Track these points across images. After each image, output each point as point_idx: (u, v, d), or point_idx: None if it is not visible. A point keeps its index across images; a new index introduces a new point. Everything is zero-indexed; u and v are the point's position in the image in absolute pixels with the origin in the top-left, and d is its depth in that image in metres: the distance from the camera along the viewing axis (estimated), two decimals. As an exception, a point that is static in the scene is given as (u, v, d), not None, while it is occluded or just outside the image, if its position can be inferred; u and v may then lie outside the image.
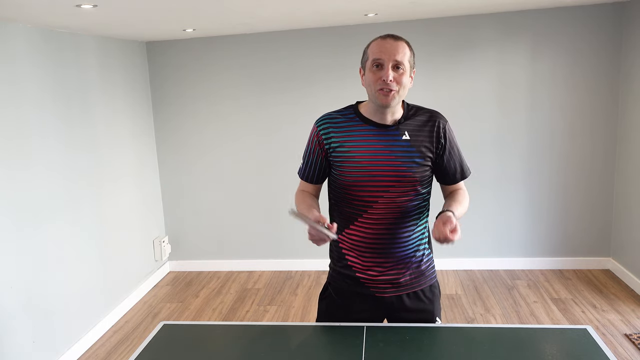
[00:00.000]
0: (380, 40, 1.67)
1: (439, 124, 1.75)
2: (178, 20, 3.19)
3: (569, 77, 3.99)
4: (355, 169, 1.72)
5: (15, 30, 2.82)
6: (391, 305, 1.81)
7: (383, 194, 1.71)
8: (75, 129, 3.33)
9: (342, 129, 1.76)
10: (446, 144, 1.75)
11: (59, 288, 3.12)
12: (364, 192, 1.73)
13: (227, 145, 4.43)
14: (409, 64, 1.66)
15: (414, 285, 1.80)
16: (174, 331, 1.81)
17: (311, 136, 1.82)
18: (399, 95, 1.65)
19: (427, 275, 1.83)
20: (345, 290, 1.84)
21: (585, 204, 4.14)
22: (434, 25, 4.03)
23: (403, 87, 1.64)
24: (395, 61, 1.62)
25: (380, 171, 1.70)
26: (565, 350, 1.55)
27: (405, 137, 1.71)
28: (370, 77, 1.66)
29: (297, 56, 4.23)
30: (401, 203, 1.73)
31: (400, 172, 1.70)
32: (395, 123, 1.72)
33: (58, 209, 3.13)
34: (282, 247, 4.54)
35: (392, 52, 1.63)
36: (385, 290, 1.79)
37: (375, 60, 1.64)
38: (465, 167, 1.84)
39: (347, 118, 1.76)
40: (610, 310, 3.47)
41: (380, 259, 1.77)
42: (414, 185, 1.72)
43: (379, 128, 1.72)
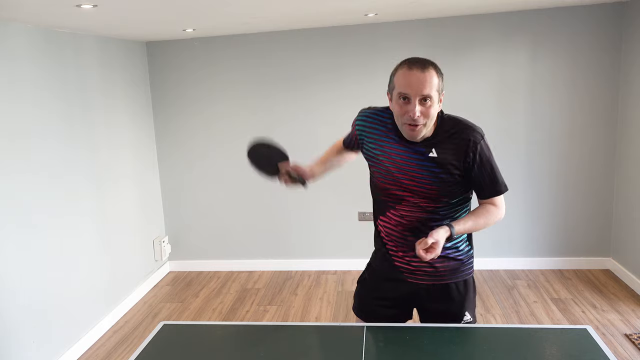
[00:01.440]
0: (407, 71, 1.62)
1: (469, 141, 1.69)
2: (178, 20, 3.19)
3: (569, 77, 3.99)
4: (382, 171, 1.79)
5: (15, 30, 2.82)
6: (422, 293, 1.84)
7: (408, 199, 1.76)
8: (75, 129, 3.33)
9: (375, 132, 1.81)
10: (475, 161, 1.70)
11: (59, 288, 3.12)
12: (392, 191, 1.79)
13: (228, 145, 4.43)
14: (437, 93, 1.63)
15: (445, 277, 1.82)
16: (174, 331, 1.81)
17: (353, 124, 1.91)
18: (426, 127, 1.67)
19: (462, 269, 1.85)
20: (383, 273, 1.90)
21: (585, 204, 4.14)
22: (434, 25, 4.03)
23: (430, 118, 1.65)
24: (422, 95, 1.60)
25: (404, 181, 1.75)
26: (565, 350, 1.55)
27: (432, 154, 1.70)
28: (397, 110, 1.66)
29: (297, 56, 4.23)
30: (427, 208, 1.76)
31: (424, 187, 1.73)
32: (424, 140, 1.72)
33: (58, 208, 3.13)
34: (282, 247, 4.54)
35: (419, 88, 1.59)
36: (418, 277, 1.82)
37: (402, 94, 1.63)
38: (500, 184, 1.76)
39: (382, 122, 1.80)
40: (610, 310, 3.47)
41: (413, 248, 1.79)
42: (438, 198, 1.74)
43: (406, 143, 1.73)
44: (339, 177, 4.26)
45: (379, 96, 4.12)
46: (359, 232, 4.27)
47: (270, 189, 4.45)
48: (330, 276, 4.35)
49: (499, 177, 1.77)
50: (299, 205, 4.43)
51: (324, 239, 4.45)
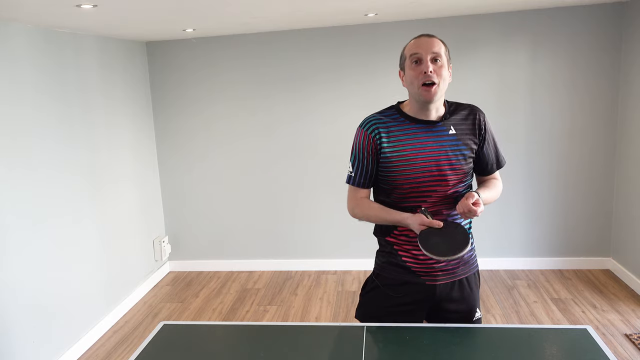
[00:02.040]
0: (415, 40, 1.73)
1: (478, 116, 1.81)
2: (178, 20, 3.19)
3: (569, 77, 3.99)
4: (409, 167, 1.75)
5: (15, 30, 2.82)
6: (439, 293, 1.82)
7: (437, 188, 1.76)
8: (75, 129, 3.33)
9: (390, 129, 1.77)
10: (486, 135, 1.82)
11: (59, 288, 3.12)
12: (418, 189, 1.76)
13: (228, 145, 4.43)
14: (446, 57, 1.71)
15: (459, 273, 1.83)
16: (174, 331, 1.81)
17: (359, 140, 1.80)
18: (440, 89, 1.69)
19: (471, 262, 1.88)
20: (395, 279, 1.85)
21: (585, 204, 4.14)
22: (434, 25, 4.03)
23: (443, 79, 1.69)
24: (433, 53, 1.67)
25: (435, 166, 1.74)
26: (565, 350, 1.55)
27: (452, 131, 1.76)
28: (411, 74, 1.70)
29: (297, 56, 4.23)
30: (452, 195, 1.78)
31: (452, 166, 1.75)
32: (441, 119, 1.77)
33: (58, 209, 3.13)
34: (282, 247, 4.54)
35: (429, 46, 1.68)
36: (437, 277, 1.81)
37: (414, 56, 1.69)
38: (501, 157, 1.90)
39: (391, 118, 1.79)
40: (610, 310, 3.47)
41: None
42: (464, 176, 1.79)
43: (426, 125, 1.76)
44: (338, 176, 4.26)
45: (380, 96, 4.14)
46: (359, 232, 4.27)
47: (270, 189, 4.45)
48: (330, 276, 4.35)
49: (500, 150, 1.90)
50: (299, 205, 4.43)
51: (324, 239, 4.45)
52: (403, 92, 4.06)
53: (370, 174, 1.82)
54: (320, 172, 4.35)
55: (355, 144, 1.82)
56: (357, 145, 1.81)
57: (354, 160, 1.83)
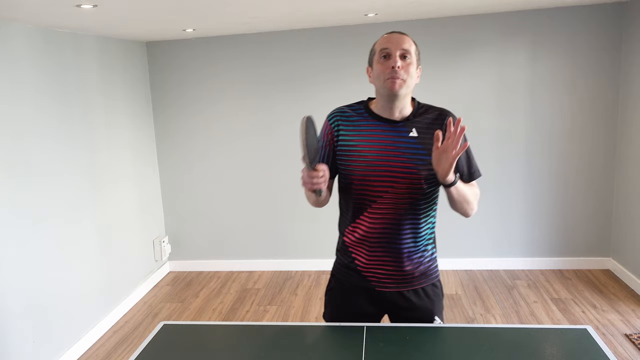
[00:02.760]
0: (386, 35, 1.71)
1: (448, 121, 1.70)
2: (178, 20, 3.19)
3: (569, 77, 3.99)
4: (360, 162, 1.72)
5: (15, 30, 2.82)
6: (391, 300, 1.81)
7: (388, 189, 1.71)
8: (75, 129, 3.33)
9: (351, 123, 1.77)
10: None
11: (59, 288, 3.12)
12: (369, 186, 1.73)
13: (227, 145, 4.43)
14: (415, 56, 1.68)
15: (414, 282, 1.80)
16: (174, 331, 1.81)
17: (322, 129, 1.82)
18: (407, 85, 1.65)
19: (429, 274, 1.83)
20: (348, 283, 1.85)
21: (585, 204, 4.14)
22: (434, 25, 4.03)
23: (410, 76, 1.66)
24: (402, 49, 1.65)
25: (385, 166, 1.70)
26: (565, 350, 1.55)
27: (412, 134, 1.70)
28: (378, 69, 1.67)
29: (297, 56, 4.23)
30: (406, 200, 1.72)
31: (406, 169, 1.69)
32: (404, 119, 1.72)
33: (58, 209, 3.13)
34: (282, 247, 4.54)
35: (399, 42, 1.66)
36: (387, 285, 1.79)
37: (383, 51, 1.67)
38: (475, 169, 1.78)
39: (356, 113, 1.78)
40: (610, 310, 3.47)
41: (383, 254, 1.78)
42: (419, 182, 1.70)
43: (386, 123, 1.72)
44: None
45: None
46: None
47: (270, 189, 4.45)
48: (330, 276, 4.35)
49: (474, 162, 1.79)
50: (299, 205, 4.43)
51: (324, 239, 4.45)
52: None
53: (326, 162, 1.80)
54: (320, 172, 4.35)
55: (320, 133, 1.83)
56: (320, 134, 1.83)
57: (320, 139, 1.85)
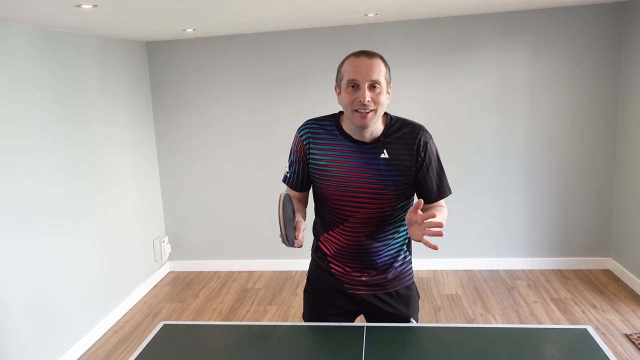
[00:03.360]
0: (354, 59, 1.62)
1: (420, 139, 1.69)
2: (178, 20, 3.19)
3: (569, 77, 3.99)
4: (331, 183, 1.71)
5: (15, 30, 2.82)
6: (364, 302, 1.83)
7: (359, 210, 1.72)
8: (75, 129, 3.33)
9: (321, 140, 1.73)
10: (424, 160, 1.69)
11: (59, 288, 3.12)
12: (341, 206, 1.73)
13: (227, 145, 4.43)
14: (385, 81, 1.62)
15: (388, 286, 1.83)
16: (174, 331, 1.81)
17: (294, 144, 1.80)
18: (377, 115, 1.62)
19: (402, 277, 1.85)
20: (323, 284, 1.88)
21: (585, 204, 4.14)
22: (434, 25, 4.03)
23: (381, 105, 1.61)
24: (371, 81, 1.58)
25: (356, 189, 1.69)
26: (565, 350, 1.55)
27: (383, 155, 1.67)
28: (346, 98, 1.61)
29: (297, 56, 4.23)
30: (377, 218, 1.73)
31: (377, 191, 1.68)
32: (374, 141, 1.68)
33: (58, 209, 3.13)
34: (282, 247, 4.53)
35: (368, 72, 1.58)
36: (360, 288, 1.82)
37: (351, 81, 1.60)
38: (444, 188, 1.75)
39: (326, 130, 1.73)
40: (610, 310, 3.47)
41: (358, 265, 1.81)
42: (390, 201, 1.71)
43: (357, 145, 1.69)
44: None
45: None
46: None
47: (270, 189, 4.45)
48: (330, 276, 4.35)
49: (445, 180, 1.76)
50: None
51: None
52: (402, 91, 4.06)
53: (302, 177, 1.80)
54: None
55: (292, 146, 1.82)
56: (293, 148, 1.81)
57: (290, 161, 1.83)
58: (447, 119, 4.12)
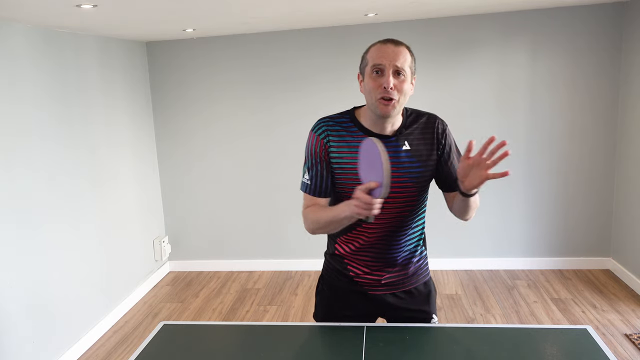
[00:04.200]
0: (380, 45, 1.59)
1: (438, 126, 1.68)
2: (178, 20, 3.19)
3: (569, 77, 3.99)
4: (352, 181, 1.63)
5: (15, 30, 2.82)
6: (385, 302, 1.81)
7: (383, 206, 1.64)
8: (75, 129, 3.33)
9: (340, 138, 1.66)
10: (445, 147, 1.69)
11: (59, 288, 3.12)
12: None
13: (227, 145, 4.43)
14: (410, 70, 1.58)
15: (406, 284, 1.80)
16: (174, 331, 1.81)
17: (311, 145, 1.69)
18: (400, 104, 1.58)
19: (419, 273, 1.83)
20: (339, 287, 1.84)
21: (585, 204, 4.14)
22: (434, 25, 4.03)
23: (404, 94, 1.57)
24: (395, 67, 1.55)
25: None
26: (565, 350, 1.55)
27: (405, 147, 1.64)
28: (370, 84, 1.58)
29: (297, 56, 4.23)
30: (400, 213, 1.69)
31: (402, 185, 1.65)
32: (395, 133, 1.65)
33: (58, 209, 3.13)
34: (282, 247, 4.54)
35: (393, 58, 1.55)
36: (379, 288, 1.79)
37: (375, 66, 1.56)
38: None
39: (344, 127, 1.67)
40: (610, 310, 3.47)
41: (376, 263, 1.77)
42: (413, 195, 1.68)
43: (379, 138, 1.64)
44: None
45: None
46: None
47: (270, 189, 4.45)
48: (330, 276, 4.35)
49: None
50: (298, 205, 4.42)
51: (324, 239, 4.44)
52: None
53: (326, 180, 1.68)
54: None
55: (309, 148, 1.69)
56: (310, 150, 1.69)
57: (309, 165, 1.69)
58: (447, 119, 4.07)
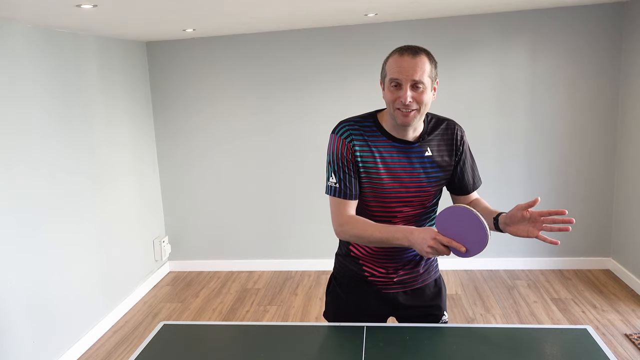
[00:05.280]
0: (398, 57, 1.58)
1: (456, 133, 1.74)
2: (178, 20, 3.19)
3: (569, 77, 3.99)
4: (377, 186, 1.68)
5: (15, 30, 2.82)
6: (397, 301, 1.82)
7: (404, 209, 1.71)
8: (75, 129, 3.33)
9: (364, 142, 1.67)
10: (462, 153, 1.75)
11: (59, 288, 3.12)
12: (386, 208, 1.72)
13: (228, 145, 4.43)
14: (429, 79, 1.58)
15: (418, 281, 1.82)
16: (174, 331, 1.81)
17: (336, 147, 1.67)
18: (420, 114, 1.60)
19: (430, 270, 1.85)
20: (352, 286, 1.85)
21: (585, 204, 4.14)
22: (434, 25, 4.03)
23: (424, 104, 1.58)
24: (413, 81, 1.55)
25: (404, 189, 1.69)
26: (565, 350, 1.55)
27: (428, 153, 1.69)
28: (388, 96, 1.60)
29: (297, 56, 4.23)
30: (417, 214, 1.74)
31: (422, 188, 1.70)
32: (418, 139, 1.68)
33: (58, 209, 3.13)
34: (282, 247, 4.54)
35: (410, 72, 1.55)
36: (391, 287, 1.81)
37: (393, 80, 1.57)
38: (478, 177, 1.82)
39: (367, 129, 1.68)
40: (610, 310, 3.47)
41: (392, 262, 1.79)
42: (430, 197, 1.74)
43: (402, 144, 1.67)
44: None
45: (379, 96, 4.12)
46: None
47: (270, 189, 4.45)
48: (330, 276, 4.35)
49: (477, 170, 1.83)
50: (298, 205, 4.43)
51: (324, 239, 4.45)
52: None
53: (355, 183, 1.68)
54: (320, 172, 4.35)
55: (333, 152, 1.68)
56: (335, 153, 1.68)
57: (335, 168, 1.68)
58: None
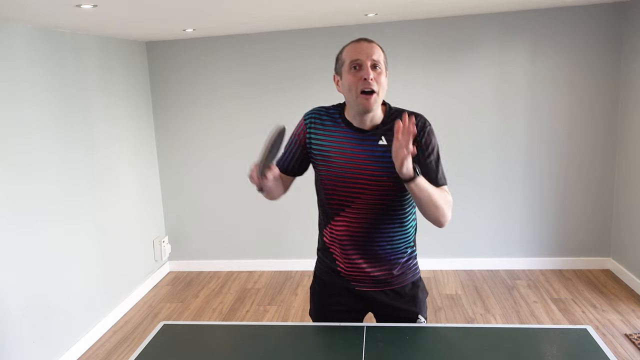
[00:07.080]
0: (354, 44, 1.70)
1: (419, 124, 1.68)
2: (178, 20, 3.19)
3: (569, 77, 3.99)
4: (330, 170, 1.75)
5: (15, 30, 2.82)
6: (373, 300, 1.82)
7: (359, 196, 1.72)
8: (75, 129, 3.33)
9: (324, 127, 1.80)
10: (422, 144, 1.68)
11: (59, 288, 3.12)
12: (340, 193, 1.75)
13: (228, 145, 4.43)
14: (384, 65, 1.68)
15: (394, 282, 1.81)
16: (174, 331, 1.81)
17: (297, 127, 1.87)
18: (379, 97, 1.66)
19: (408, 273, 1.83)
20: (328, 282, 1.87)
21: (585, 204, 4.14)
22: (434, 25, 4.03)
23: (382, 87, 1.65)
24: (373, 60, 1.65)
25: (353, 176, 1.71)
26: (565, 350, 1.55)
27: (381, 142, 1.69)
28: (349, 80, 1.65)
29: (297, 56, 4.23)
30: (379, 205, 1.72)
31: (374, 178, 1.69)
32: (373, 128, 1.71)
33: (58, 209, 3.13)
34: (282, 247, 4.54)
35: (369, 52, 1.66)
36: (366, 285, 1.81)
37: (353, 62, 1.66)
38: (441, 176, 1.70)
39: (332, 117, 1.80)
40: (610, 310, 3.47)
41: (361, 257, 1.78)
42: (390, 189, 1.70)
43: (356, 132, 1.72)
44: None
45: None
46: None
47: (270, 189, 4.44)
48: (330, 276, 4.35)
49: (441, 168, 1.72)
50: (298, 205, 4.43)
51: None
52: (402, 91, 4.06)
53: (291, 159, 1.87)
54: (320, 172, 4.35)
55: (294, 130, 1.89)
56: (293, 132, 1.88)
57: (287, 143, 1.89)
58: (447, 118, 4.12)
